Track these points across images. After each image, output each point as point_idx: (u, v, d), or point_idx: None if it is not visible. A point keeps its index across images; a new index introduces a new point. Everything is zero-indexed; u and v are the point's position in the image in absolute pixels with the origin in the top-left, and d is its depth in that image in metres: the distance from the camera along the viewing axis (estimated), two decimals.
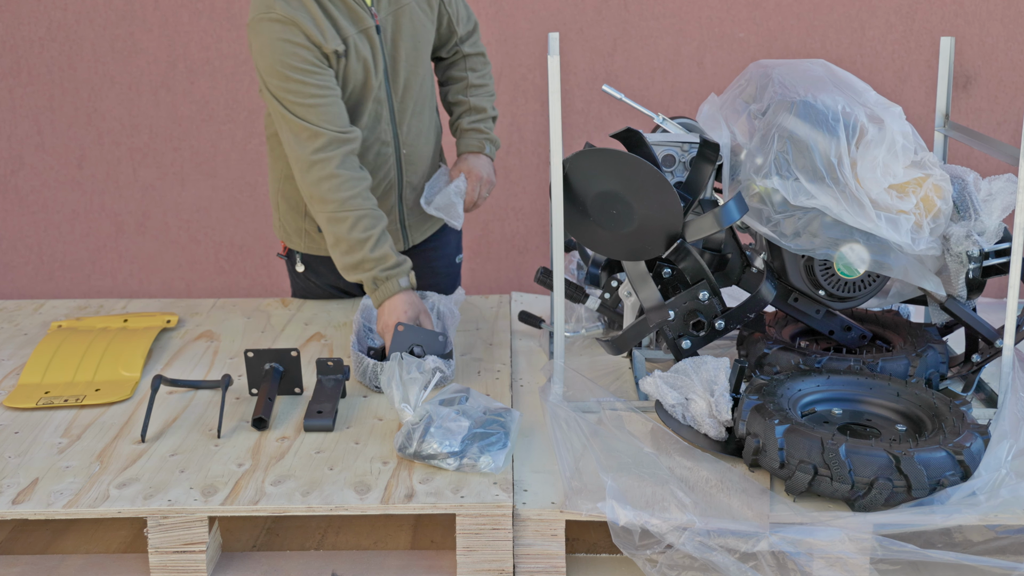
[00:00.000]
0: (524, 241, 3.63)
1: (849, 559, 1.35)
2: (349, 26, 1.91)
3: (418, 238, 2.20)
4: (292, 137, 1.89)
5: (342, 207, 1.86)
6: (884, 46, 3.42)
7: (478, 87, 2.18)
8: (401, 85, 2.03)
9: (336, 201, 1.86)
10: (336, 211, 1.87)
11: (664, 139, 1.82)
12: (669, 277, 1.77)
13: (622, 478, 1.46)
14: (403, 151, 2.08)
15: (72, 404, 1.76)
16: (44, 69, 3.48)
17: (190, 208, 3.59)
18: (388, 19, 1.97)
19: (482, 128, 2.17)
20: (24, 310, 2.27)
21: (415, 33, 2.02)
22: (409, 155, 2.09)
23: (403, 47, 2.00)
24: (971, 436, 1.45)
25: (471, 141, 2.17)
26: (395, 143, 2.06)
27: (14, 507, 1.44)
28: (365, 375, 1.80)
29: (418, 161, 2.12)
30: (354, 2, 1.91)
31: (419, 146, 2.11)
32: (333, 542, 1.56)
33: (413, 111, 2.07)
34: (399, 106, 2.04)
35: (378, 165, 2.05)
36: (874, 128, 1.61)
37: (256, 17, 1.88)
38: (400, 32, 1.99)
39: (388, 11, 1.97)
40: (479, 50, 2.19)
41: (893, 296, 1.79)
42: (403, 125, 2.06)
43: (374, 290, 1.87)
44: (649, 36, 3.42)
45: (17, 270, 3.66)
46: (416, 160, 2.11)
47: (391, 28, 1.98)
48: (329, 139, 1.86)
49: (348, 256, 1.88)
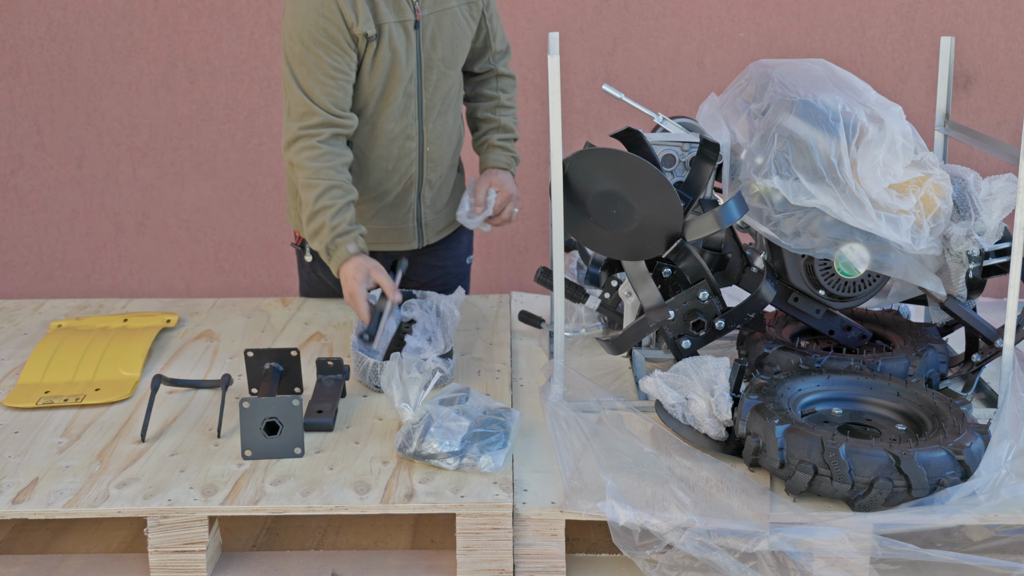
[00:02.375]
0: (524, 241, 3.63)
1: (849, 559, 1.35)
2: (388, 13, 1.94)
3: (433, 238, 2.21)
4: (291, 107, 1.95)
5: (316, 175, 1.91)
6: (884, 46, 3.42)
7: (507, 108, 2.21)
8: (433, 83, 2.05)
9: (312, 168, 1.92)
10: (310, 177, 1.92)
11: (664, 139, 1.82)
12: (669, 277, 1.77)
13: (622, 478, 1.46)
14: (426, 148, 2.10)
15: (72, 404, 1.76)
16: (44, 69, 3.48)
17: (190, 208, 3.59)
18: (431, 17, 1.99)
19: (509, 147, 2.21)
20: (24, 310, 2.27)
21: (454, 37, 2.04)
22: (431, 152, 2.11)
23: (440, 47, 2.02)
24: (971, 436, 1.45)
25: (499, 157, 2.20)
26: (419, 139, 2.08)
27: (14, 507, 1.44)
28: (365, 374, 1.80)
29: (439, 160, 2.13)
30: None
31: (442, 145, 2.12)
32: (333, 542, 1.56)
33: (440, 110, 2.09)
34: (427, 103, 2.06)
35: (400, 157, 2.07)
36: (874, 128, 1.61)
37: None
38: (440, 32, 2.01)
39: (432, 10, 1.99)
40: (510, 72, 2.22)
41: (893, 296, 1.79)
42: (429, 122, 2.08)
43: (329, 259, 1.91)
44: (649, 36, 3.42)
45: (17, 270, 3.66)
46: (437, 159, 2.13)
47: (432, 26, 2.00)
48: (322, 120, 1.92)
49: (311, 222, 1.92)
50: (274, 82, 3.46)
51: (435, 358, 1.79)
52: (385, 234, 2.17)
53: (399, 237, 2.18)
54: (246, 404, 1.54)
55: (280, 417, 1.55)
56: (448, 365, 1.82)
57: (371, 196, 2.11)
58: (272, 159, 3.53)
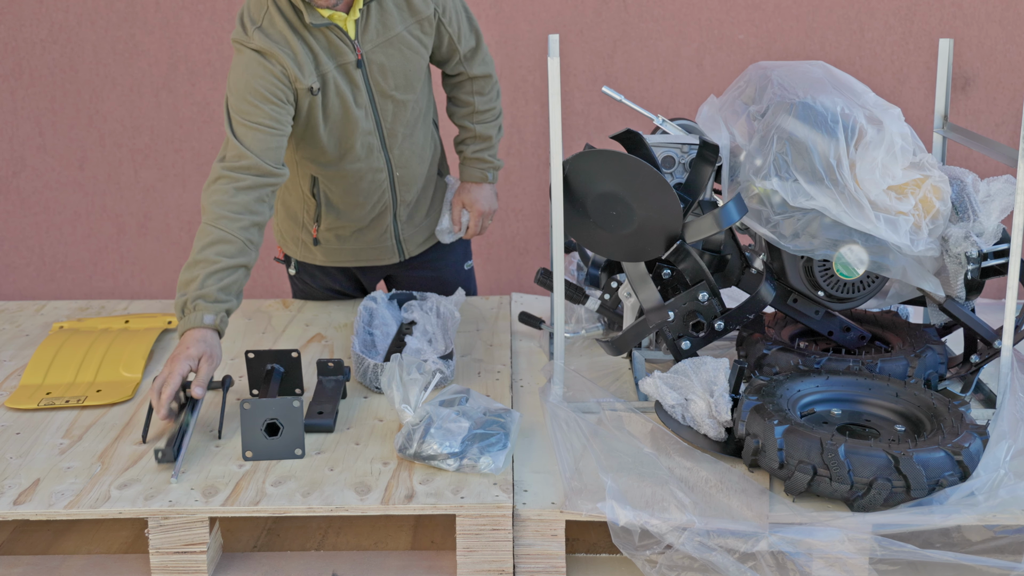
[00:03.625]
0: (524, 242, 3.63)
1: (848, 559, 1.36)
2: (328, 61, 1.89)
3: (415, 251, 2.21)
4: (224, 151, 1.83)
5: (215, 222, 1.75)
6: (883, 48, 3.43)
7: (483, 112, 2.15)
8: (390, 113, 2.00)
9: (214, 215, 1.75)
10: (208, 223, 1.75)
11: (664, 140, 1.82)
12: (669, 278, 1.78)
13: (622, 478, 1.46)
14: (396, 174, 2.07)
15: (73, 405, 1.76)
16: (46, 71, 3.49)
17: (191, 209, 3.60)
18: (375, 51, 1.93)
19: (485, 157, 2.17)
20: (26, 311, 2.28)
21: (405, 62, 1.97)
22: (403, 176, 2.09)
23: (391, 78, 1.96)
24: (970, 436, 1.45)
25: (473, 172, 2.17)
26: (388, 168, 2.05)
27: (15, 508, 1.44)
28: (366, 376, 1.81)
29: (412, 180, 2.11)
30: (336, 37, 1.88)
31: (413, 166, 2.10)
32: (334, 542, 1.56)
33: (404, 134, 2.05)
34: (388, 132, 2.02)
35: (372, 191, 2.06)
36: (873, 129, 1.61)
37: (236, 39, 1.88)
38: (388, 62, 1.95)
39: (375, 43, 1.92)
40: (485, 71, 2.13)
41: (892, 297, 1.80)
42: (394, 149, 2.04)
43: (181, 316, 1.71)
44: (649, 38, 3.43)
45: (19, 271, 3.67)
46: (410, 180, 2.11)
47: (378, 59, 1.94)
48: (250, 163, 1.79)
49: (187, 271, 1.73)
50: None
51: (435, 360, 1.80)
52: (364, 252, 2.18)
53: (378, 254, 2.19)
54: (247, 405, 1.55)
55: (281, 418, 1.55)
56: (448, 366, 1.82)
57: (346, 223, 2.11)
58: None
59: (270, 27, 1.86)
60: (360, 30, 1.91)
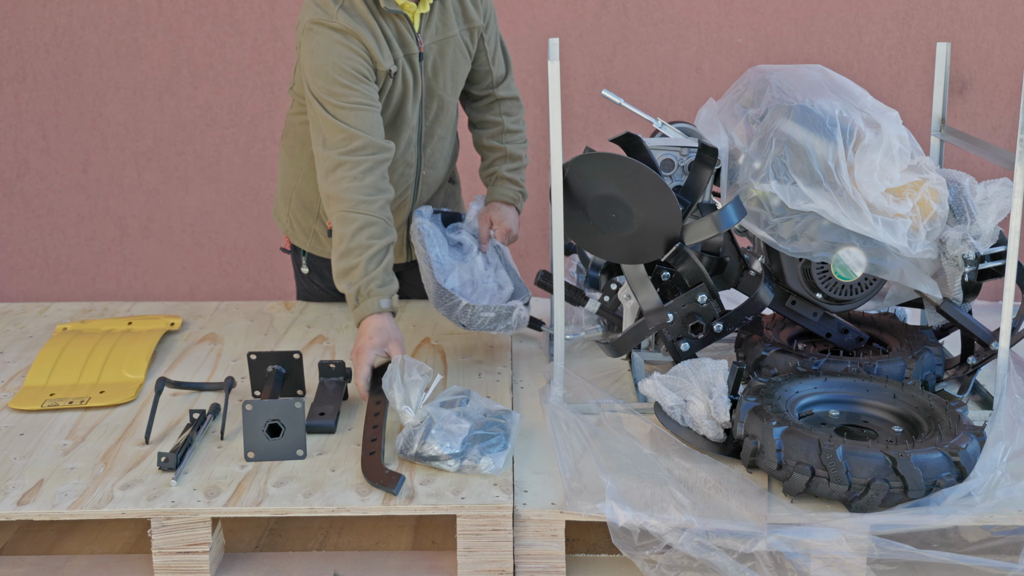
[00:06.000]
0: (524, 244, 3.64)
1: (846, 559, 1.36)
2: (399, 48, 1.92)
3: None
4: (326, 137, 1.85)
5: (356, 208, 1.80)
6: (881, 51, 3.44)
7: (513, 133, 2.16)
8: (433, 112, 2.03)
9: (352, 201, 1.80)
10: (349, 210, 1.80)
11: (663, 143, 1.83)
12: (668, 280, 1.79)
13: (621, 479, 1.47)
14: (423, 172, 2.09)
15: (77, 406, 1.77)
16: (49, 74, 3.51)
17: (194, 212, 3.61)
18: (433, 47, 1.96)
19: (518, 180, 2.16)
20: (29, 312, 2.29)
21: (455, 64, 2.02)
22: (427, 176, 2.11)
23: (442, 77, 2.00)
24: (967, 438, 1.46)
25: (506, 191, 2.15)
26: (418, 165, 2.07)
27: (19, 508, 1.45)
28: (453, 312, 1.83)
29: (433, 182, 2.14)
30: (405, 28, 1.92)
31: (438, 168, 2.13)
32: (335, 543, 1.57)
33: (440, 136, 2.08)
34: (427, 131, 2.05)
35: (398, 184, 2.06)
36: (871, 132, 1.62)
37: (316, 20, 1.86)
38: (443, 62, 1.99)
39: (434, 39, 1.96)
40: (513, 94, 2.16)
41: (890, 299, 1.81)
42: (427, 148, 2.07)
43: (355, 306, 1.79)
44: (648, 41, 3.44)
45: (23, 273, 3.68)
46: (432, 181, 2.13)
47: (433, 56, 1.97)
48: (364, 143, 1.82)
49: (343, 260, 1.80)
50: (277, 87, 3.48)
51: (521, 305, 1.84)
52: None
53: None
54: (249, 406, 1.56)
55: (283, 419, 1.56)
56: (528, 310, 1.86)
57: None
58: (275, 163, 3.55)
59: (351, 8, 1.88)
60: (424, 25, 1.95)
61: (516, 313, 1.86)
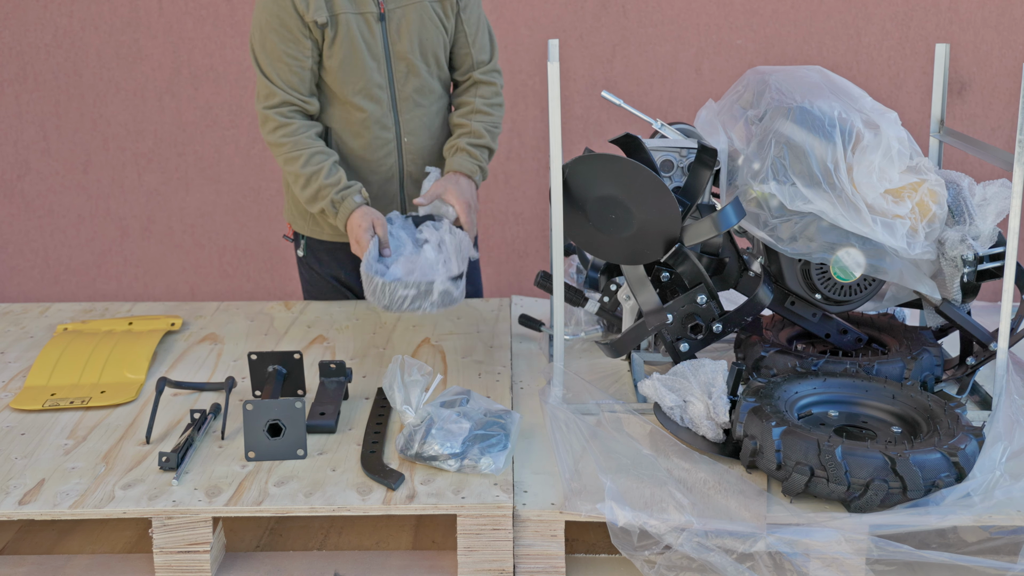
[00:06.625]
0: (524, 245, 3.65)
1: (845, 559, 1.37)
2: (346, 4, 2.02)
3: None
4: (257, 90, 2.06)
5: (295, 147, 2.03)
6: (880, 53, 3.44)
7: (482, 113, 2.16)
8: (404, 74, 2.10)
9: (289, 143, 2.03)
10: (290, 151, 2.03)
11: (662, 144, 1.83)
12: (667, 281, 1.79)
13: (621, 479, 1.47)
14: (404, 139, 2.14)
15: (78, 406, 1.77)
16: (50, 75, 3.51)
17: (194, 212, 3.62)
18: (396, 11, 2.06)
19: (478, 156, 2.13)
20: (30, 313, 2.29)
21: (422, 29, 2.08)
22: (410, 144, 2.14)
23: (406, 39, 2.07)
24: (966, 438, 1.46)
25: (464, 161, 2.11)
26: (396, 129, 2.13)
27: (21, 508, 1.45)
28: (375, 294, 1.81)
29: (419, 153, 2.16)
30: None
31: (422, 137, 2.16)
32: (336, 542, 1.58)
33: (416, 102, 2.13)
34: (400, 94, 2.11)
35: (378, 147, 2.12)
36: (870, 133, 1.63)
37: None
38: (406, 24, 2.07)
39: (398, 3, 2.06)
40: (492, 80, 2.18)
41: (888, 300, 1.81)
42: (404, 113, 2.12)
43: (335, 214, 2.01)
44: (648, 43, 3.44)
45: (23, 273, 3.68)
46: (417, 151, 2.16)
47: (397, 19, 2.06)
48: (282, 99, 2.03)
49: (307, 189, 2.03)
50: None
51: (444, 279, 1.81)
52: None
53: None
54: (250, 406, 1.56)
55: (283, 419, 1.56)
56: (458, 287, 1.83)
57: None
58: (275, 164, 3.55)
59: None
60: None
61: (438, 289, 1.77)
